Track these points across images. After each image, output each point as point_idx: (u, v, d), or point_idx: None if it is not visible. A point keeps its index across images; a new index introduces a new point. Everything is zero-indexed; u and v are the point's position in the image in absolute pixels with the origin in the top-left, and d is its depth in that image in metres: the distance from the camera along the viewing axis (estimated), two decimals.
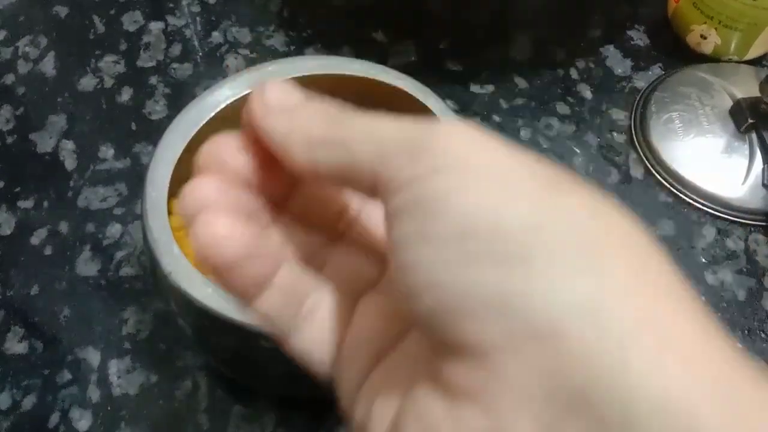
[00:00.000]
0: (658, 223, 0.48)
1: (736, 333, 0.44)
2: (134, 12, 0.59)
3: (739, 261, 0.46)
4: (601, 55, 0.56)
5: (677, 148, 0.50)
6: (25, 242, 0.47)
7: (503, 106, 0.53)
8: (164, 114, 0.53)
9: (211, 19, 0.59)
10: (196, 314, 0.34)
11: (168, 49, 0.57)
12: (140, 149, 0.51)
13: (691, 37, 0.55)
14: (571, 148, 0.51)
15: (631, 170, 0.50)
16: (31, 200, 0.49)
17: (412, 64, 0.55)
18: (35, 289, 0.45)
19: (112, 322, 0.44)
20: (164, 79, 0.55)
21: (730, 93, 0.51)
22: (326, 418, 0.40)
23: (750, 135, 0.49)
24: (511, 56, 0.56)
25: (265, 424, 0.40)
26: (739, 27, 0.52)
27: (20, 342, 0.43)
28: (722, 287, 0.45)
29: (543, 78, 0.55)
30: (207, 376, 0.42)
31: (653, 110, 0.51)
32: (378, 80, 0.40)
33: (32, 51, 0.57)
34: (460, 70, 0.55)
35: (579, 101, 0.54)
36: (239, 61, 0.56)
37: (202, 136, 0.39)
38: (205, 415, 0.40)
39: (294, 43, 0.57)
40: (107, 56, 0.57)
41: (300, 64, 0.41)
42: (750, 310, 0.44)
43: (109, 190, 0.49)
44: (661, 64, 0.55)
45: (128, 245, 0.47)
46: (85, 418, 0.41)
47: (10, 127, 0.53)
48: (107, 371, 0.42)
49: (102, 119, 0.53)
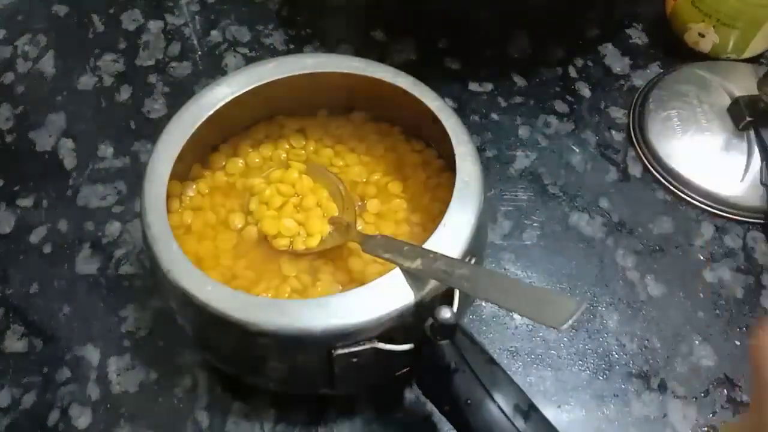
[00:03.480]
0: (656, 220, 0.48)
1: (734, 330, 0.44)
2: (133, 11, 0.59)
3: (737, 258, 0.46)
4: (599, 53, 0.56)
5: (675, 146, 0.50)
6: (24, 241, 0.47)
7: (502, 105, 0.53)
8: (163, 112, 0.53)
9: (210, 18, 0.59)
10: (195, 312, 0.34)
11: (167, 48, 0.57)
12: (139, 147, 0.51)
13: (689, 36, 0.55)
14: (569, 146, 0.51)
15: (630, 168, 0.50)
16: (30, 199, 0.49)
17: (410, 63, 0.55)
18: (35, 287, 0.45)
19: (111, 320, 0.44)
20: (163, 78, 0.55)
21: (728, 91, 0.51)
22: (325, 415, 0.40)
23: (748, 133, 0.49)
24: (509, 54, 0.56)
25: (264, 420, 0.40)
26: (737, 25, 0.52)
27: (20, 340, 0.43)
28: (720, 285, 0.45)
29: (541, 76, 0.55)
30: (206, 373, 0.42)
31: (651, 108, 0.51)
32: (377, 78, 0.40)
33: (31, 50, 0.57)
34: (458, 69, 0.55)
35: (577, 99, 0.54)
36: (238, 60, 0.56)
37: (200, 134, 0.39)
38: (205, 413, 0.41)
39: (293, 42, 0.57)
40: (106, 55, 0.57)
41: (299, 62, 0.41)
42: (748, 307, 0.45)
43: (109, 188, 0.49)
44: (659, 62, 0.56)
45: (127, 243, 0.47)
46: (85, 416, 0.41)
47: (9, 126, 0.53)
48: (107, 369, 0.42)
49: (101, 118, 0.53)
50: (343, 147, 0.44)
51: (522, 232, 0.47)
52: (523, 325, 0.44)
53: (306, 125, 0.44)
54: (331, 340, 0.33)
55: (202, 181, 0.42)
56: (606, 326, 0.44)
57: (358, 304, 0.33)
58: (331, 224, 0.40)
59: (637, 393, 0.42)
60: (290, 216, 0.40)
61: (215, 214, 0.41)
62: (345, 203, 0.40)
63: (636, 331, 0.44)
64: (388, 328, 0.33)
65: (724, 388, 0.42)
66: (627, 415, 0.41)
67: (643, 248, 0.47)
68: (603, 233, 0.47)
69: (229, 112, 0.40)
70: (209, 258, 0.39)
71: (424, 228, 0.40)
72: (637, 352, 0.43)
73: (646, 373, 0.42)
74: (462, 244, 0.34)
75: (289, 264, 0.39)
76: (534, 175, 0.50)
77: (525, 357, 0.43)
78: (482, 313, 0.44)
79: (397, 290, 0.33)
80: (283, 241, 0.40)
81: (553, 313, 0.28)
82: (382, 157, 0.43)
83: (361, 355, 0.33)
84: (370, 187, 0.42)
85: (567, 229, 0.48)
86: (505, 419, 0.30)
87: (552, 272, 0.46)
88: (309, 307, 0.33)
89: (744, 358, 0.43)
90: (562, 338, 0.43)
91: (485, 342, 0.43)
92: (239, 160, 0.43)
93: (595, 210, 0.48)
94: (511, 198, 0.49)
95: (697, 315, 0.44)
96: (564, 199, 0.49)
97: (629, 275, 0.46)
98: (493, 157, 0.50)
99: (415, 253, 0.34)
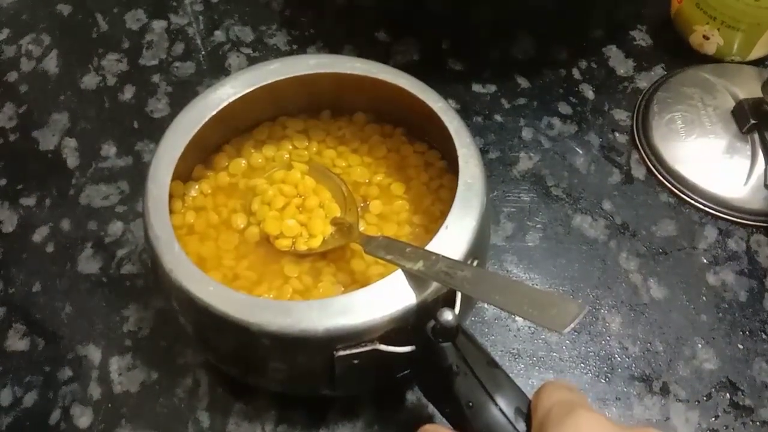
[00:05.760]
0: (659, 223, 0.48)
1: (737, 334, 0.44)
2: (137, 10, 0.60)
3: (741, 262, 0.46)
4: (603, 55, 0.56)
5: (679, 149, 0.50)
6: (27, 240, 0.47)
7: (505, 106, 0.53)
8: (166, 112, 0.53)
9: (214, 18, 0.59)
10: (196, 312, 0.34)
11: (171, 48, 0.57)
12: (142, 147, 0.51)
13: (693, 38, 0.55)
14: (572, 148, 0.51)
15: (633, 170, 0.50)
16: (33, 198, 0.49)
17: (414, 64, 0.55)
18: (37, 286, 0.45)
19: (113, 319, 0.44)
20: (166, 78, 0.55)
21: (732, 93, 0.51)
22: (325, 416, 0.40)
23: (752, 135, 0.49)
24: (513, 56, 0.56)
25: (265, 421, 0.40)
26: (742, 27, 0.52)
27: (22, 339, 0.43)
28: (724, 288, 0.45)
29: (545, 78, 0.55)
30: (208, 373, 0.42)
31: (655, 110, 0.51)
32: (380, 79, 0.40)
33: (35, 49, 0.57)
34: (462, 70, 0.55)
35: (581, 101, 0.54)
36: (241, 60, 0.56)
37: (203, 134, 0.39)
38: (206, 413, 0.41)
39: (296, 42, 0.57)
40: (110, 54, 0.57)
41: (302, 62, 0.41)
42: (751, 310, 0.44)
43: (111, 188, 0.49)
44: (663, 64, 0.55)
45: (130, 243, 0.47)
46: (86, 415, 0.41)
47: (12, 125, 0.53)
48: (108, 368, 0.42)
49: (104, 117, 0.53)
50: (346, 148, 0.44)
51: (524, 234, 0.47)
52: (525, 328, 0.44)
53: (309, 126, 0.44)
54: (333, 341, 0.33)
55: (204, 182, 0.42)
56: (608, 329, 0.44)
57: (360, 305, 0.33)
58: (333, 225, 0.40)
59: (640, 396, 0.41)
60: (292, 217, 0.40)
61: (217, 215, 0.41)
62: (347, 204, 0.40)
63: (638, 334, 0.43)
64: (389, 330, 0.33)
65: (727, 392, 0.42)
66: (629, 419, 0.41)
67: (646, 251, 0.47)
68: (606, 235, 0.47)
69: (232, 112, 0.40)
70: (211, 258, 0.39)
71: (427, 229, 0.40)
72: (640, 355, 0.43)
73: (648, 377, 0.42)
74: (464, 245, 0.34)
75: (291, 265, 0.39)
76: (537, 176, 0.50)
77: (527, 359, 0.42)
78: (484, 315, 0.44)
79: (398, 292, 0.33)
80: (285, 241, 0.40)
81: (555, 316, 0.28)
82: (384, 159, 0.43)
83: (363, 357, 0.33)
84: (373, 188, 0.42)
85: (570, 231, 0.48)
86: (506, 422, 0.30)
87: (554, 274, 0.46)
88: (311, 308, 0.33)
89: (747, 361, 0.42)
90: (565, 341, 0.43)
91: (487, 344, 0.43)
92: (242, 161, 0.43)
93: (598, 212, 0.48)
94: (514, 200, 0.49)
95: (700, 318, 0.44)
96: (567, 201, 0.49)
97: (632, 278, 0.45)
98: (496, 158, 0.50)
99: (417, 254, 0.33)
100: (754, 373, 0.42)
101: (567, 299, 0.40)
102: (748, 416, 0.41)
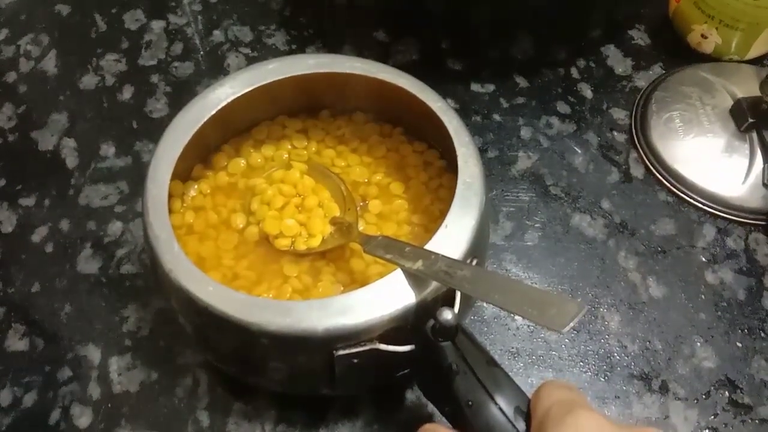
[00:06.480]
0: (658, 222, 0.48)
1: (736, 332, 0.44)
2: (136, 10, 0.60)
3: (739, 260, 0.46)
4: (601, 54, 0.56)
5: (678, 148, 0.50)
6: (26, 240, 0.47)
7: (504, 105, 0.53)
8: (165, 112, 0.53)
9: (213, 18, 0.59)
10: (196, 312, 0.34)
11: (169, 48, 0.57)
12: (141, 147, 0.51)
13: (692, 37, 0.55)
14: (571, 147, 0.51)
15: (632, 169, 0.50)
16: (32, 198, 0.49)
17: (413, 63, 0.55)
18: (36, 286, 0.45)
19: (112, 319, 0.44)
20: (165, 78, 0.55)
21: (730, 92, 0.51)
22: (325, 415, 0.40)
23: (750, 134, 0.49)
24: (511, 55, 0.56)
25: (264, 421, 0.40)
26: (740, 26, 0.52)
27: (21, 339, 0.43)
28: (722, 286, 0.45)
29: (544, 77, 0.55)
30: (207, 373, 0.42)
31: (654, 110, 0.51)
32: (379, 79, 0.40)
33: (34, 49, 0.57)
34: (460, 69, 0.55)
35: (580, 100, 0.54)
36: (240, 60, 0.56)
37: (202, 134, 0.39)
38: (206, 413, 0.41)
39: (295, 42, 0.57)
40: (109, 55, 0.57)
41: (301, 62, 0.41)
42: (750, 309, 0.44)
43: (110, 188, 0.49)
44: (661, 63, 0.56)
45: (129, 243, 0.47)
46: (86, 415, 0.41)
47: (11, 125, 0.53)
48: (108, 368, 0.42)
49: (103, 117, 0.53)
50: (345, 147, 0.44)
51: (523, 233, 0.47)
52: (525, 326, 0.44)
53: (308, 125, 0.44)
54: (333, 340, 0.33)
55: (203, 181, 0.42)
56: (607, 327, 0.44)
57: (360, 304, 0.33)
58: (332, 225, 0.40)
59: (639, 395, 0.41)
60: (292, 216, 0.40)
61: (217, 214, 0.41)
62: (346, 204, 0.40)
63: (637, 333, 0.43)
64: (389, 329, 0.33)
65: (726, 390, 0.42)
66: (628, 417, 0.41)
67: (645, 250, 0.47)
68: (605, 234, 0.47)
69: (231, 112, 0.40)
70: (211, 258, 0.39)
71: (426, 229, 0.40)
72: (639, 354, 0.43)
73: (647, 375, 0.42)
74: (463, 245, 0.34)
75: (290, 264, 0.39)
76: (536, 176, 0.50)
77: (526, 358, 0.43)
78: (483, 314, 0.44)
79: (398, 291, 0.33)
80: (284, 241, 0.40)
81: (554, 315, 0.28)
82: (383, 158, 0.43)
83: (362, 356, 0.33)
84: (372, 188, 0.42)
85: (569, 230, 0.48)
86: (506, 421, 0.30)
87: (553, 273, 0.46)
88: (310, 308, 0.33)
89: (746, 360, 0.43)
90: (564, 339, 0.43)
91: (486, 343, 0.43)
92: (241, 160, 0.43)
93: (597, 211, 0.48)
94: (513, 199, 0.49)
95: (699, 317, 0.44)
96: (566, 200, 0.49)
97: (631, 276, 0.46)
98: (494, 157, 0.50)
99: (417, 254, 0.33)
100: (752, 371, 0.42)
101: (566, 298, 0.40)
102: (747, 414, 0.41)
